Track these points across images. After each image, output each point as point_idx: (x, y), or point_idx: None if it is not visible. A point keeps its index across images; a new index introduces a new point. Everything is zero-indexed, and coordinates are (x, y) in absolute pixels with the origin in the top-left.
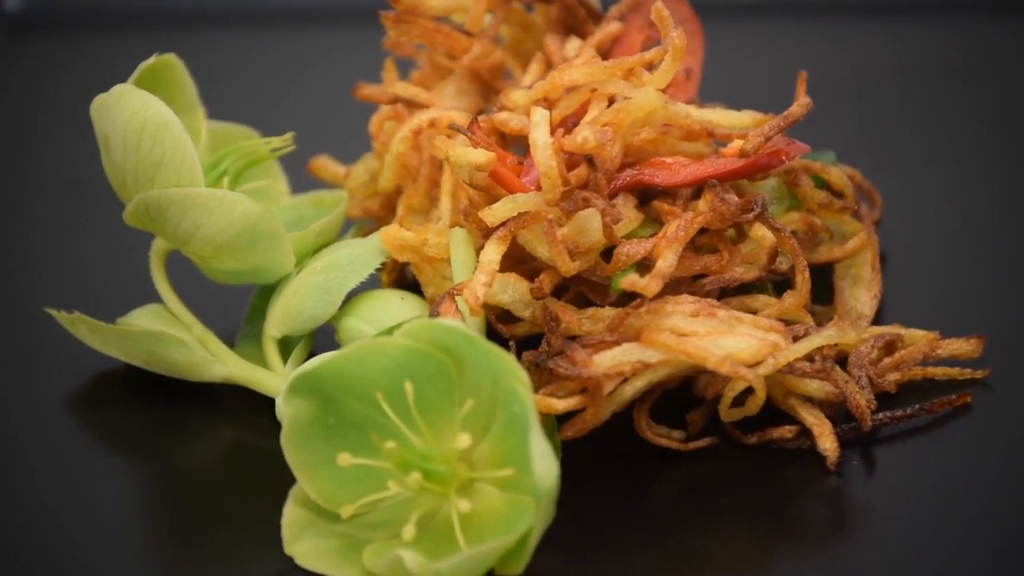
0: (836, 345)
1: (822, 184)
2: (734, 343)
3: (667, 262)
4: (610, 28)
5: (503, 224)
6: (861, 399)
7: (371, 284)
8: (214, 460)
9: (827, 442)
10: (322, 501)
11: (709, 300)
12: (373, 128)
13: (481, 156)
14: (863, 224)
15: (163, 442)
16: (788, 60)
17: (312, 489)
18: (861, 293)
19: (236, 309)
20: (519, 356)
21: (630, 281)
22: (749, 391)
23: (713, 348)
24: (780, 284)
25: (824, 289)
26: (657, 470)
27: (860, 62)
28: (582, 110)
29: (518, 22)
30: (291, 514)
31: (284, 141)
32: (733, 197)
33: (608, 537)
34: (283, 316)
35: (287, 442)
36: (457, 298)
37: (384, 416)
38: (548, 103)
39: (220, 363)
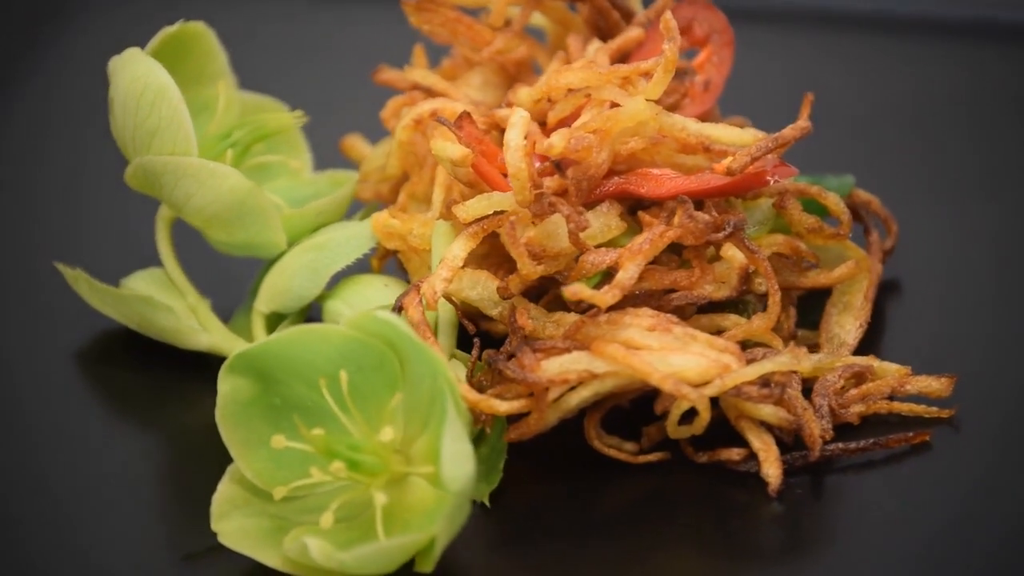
0: (794, 372)
1: (818, 209)
2: (683, 361)
3: (628, 274)
4: (631, 34)
5: (477, 221)
6: (815, 428)
7: (365, 268)
8: (203, 425)
9: (771, 468)
10: (258, 481)
11: (668, 316)
12: (386, 113)
13: (457, 151)
14: (870, 252)
15: (156, 404)
16: (835, 76)
17: (248, 468)
18: (847, 321)
19: (247, 282)
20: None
21: (572, 291)
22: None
23: (660, 364)
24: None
25: (819, 313)
26: (610, 481)
27: (916, 86)
28: (577, 114)
29: (558, 19)
30: (224, 491)
31: (295, 117)
32: (703, 215)
33: (550, 546)
34: (271, 292)
35: (221, 419)
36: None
37: (326, 402)
38: (552, 104)
39: (205, 333)
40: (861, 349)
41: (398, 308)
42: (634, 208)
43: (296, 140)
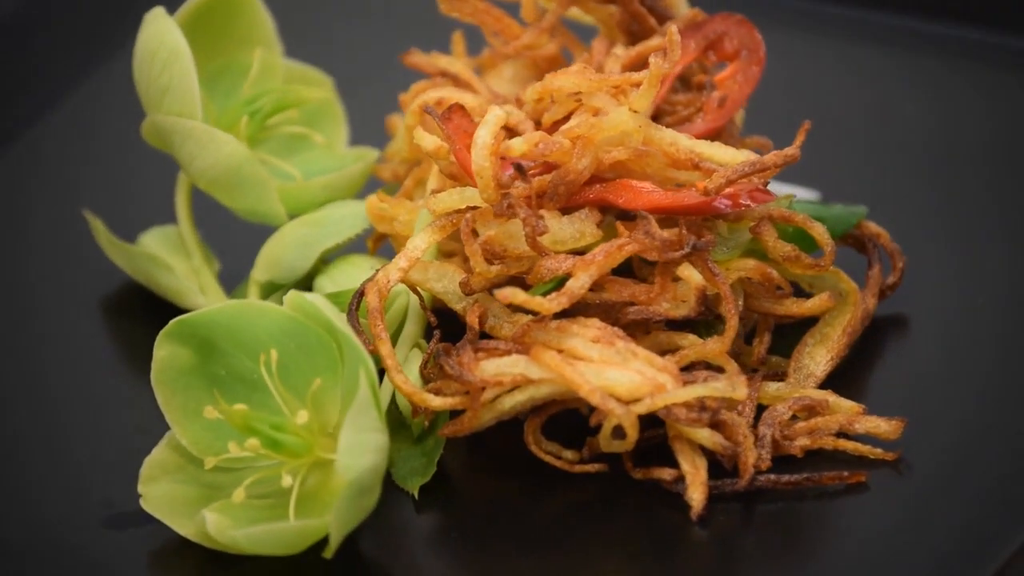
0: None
1: (800, 237)
2: (618, 376)
3: (578, 283)
4: (651, 42)
5: (447, 214)
6: (751, 456)
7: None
8: None
9: (695, 492)
10: (193, 449)
11: (614, 329)
12: (407, 95)
13: (432, 143)
14: (866, 286)
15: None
16: (874, 97)
17: (184, 435)
18: (820, 353)
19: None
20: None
21: (505, 294)
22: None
23: (593, 376)
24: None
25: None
26: (553, 488)
27: (972, 117)
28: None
29: (601, 18)
30: (158, 455)
31: (322, 91)
32: (661, 232)
33: (478, 547)
34: (267, 262)
35: (156, 384)
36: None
37: (263, 378)
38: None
39: (201, 295)
40: (838, 383)
41: (360, 293)
42: (622, 218)
43: (334, 114)
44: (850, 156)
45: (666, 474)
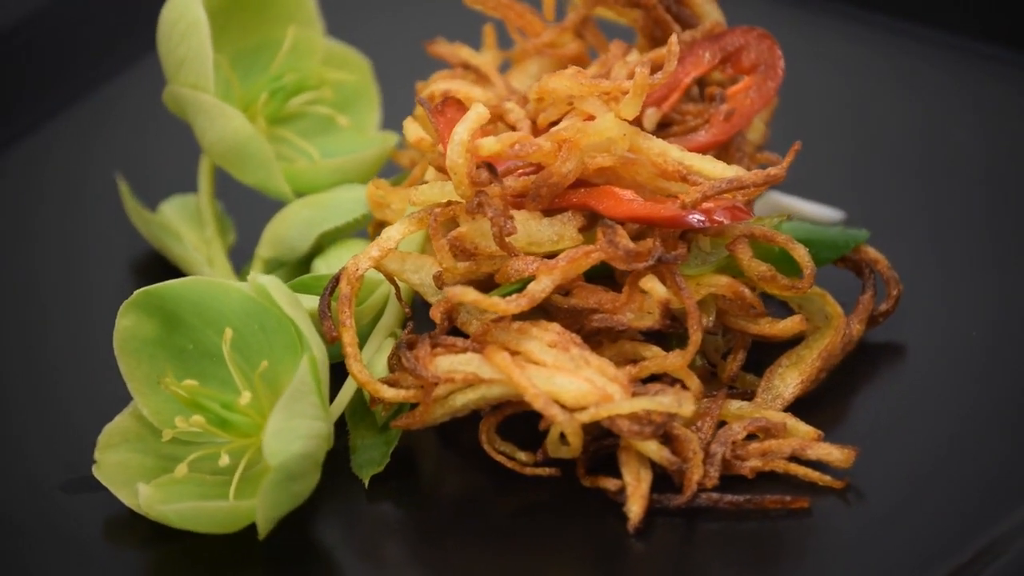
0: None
1: (779, 258)
2: (566, 382)
3: (539, 286)
4: (663, 50)
5: (428, 207)
6: (696, 473)
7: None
8: None
9: (634, 504)
10: (154, 420)
11: (572, 335)
12: (423, 85)
13: (412, 133)
14: (854, 312)
15: None
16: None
17: (145, 404)
18: (791, 376)
19: None
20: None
21: (455, 293)
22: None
23: (541, 381)
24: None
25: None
26: (508, 488)
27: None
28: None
29: (631, 20)
30: (120, 422)
31: (352, 74)
32: (624, 242)
33: (428, 540)
34: (271, 239)
35: (119, 353)
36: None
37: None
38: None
39: (206, 267)
40: (814, 407)
41: (336, 279)
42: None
43: (369, 97)
44: (890, 179)
45: (611, 484)
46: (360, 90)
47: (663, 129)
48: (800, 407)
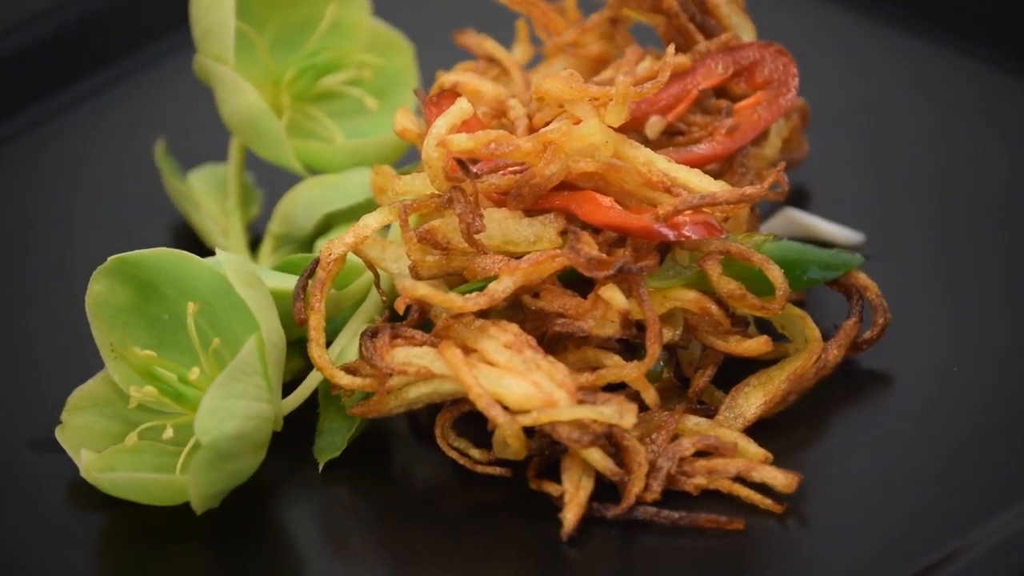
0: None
1: (752, 276)
2: (513, 384)
3: (500, 286)
4: (675, 59)
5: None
6: (636, 486)
7: None
8: None
9: (569, 511)
10: (123, 385)
11: (528, 337)
12: (442, 74)
13: (398, 123)
14: (834, 338)
15: None
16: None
17: (116, 370)
18: (756, 396)
19: None
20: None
21: (406, 286)
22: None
23: (489, 381)
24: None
25: None
26: (470, 484)
27: None
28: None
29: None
30: (91, 386)
31: (386, 59)
32: (586, 249)
33: (371, 529)
34: (281, 215)
35: (92, 317)
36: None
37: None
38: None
39: (220, 237)
40: (779, 428)
41: (315, 263)
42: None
43: (408, 81)
44: (917, 204)
45: (554, 489)
46: (400, 74)
47: (669, 138)
48: (766, 428)
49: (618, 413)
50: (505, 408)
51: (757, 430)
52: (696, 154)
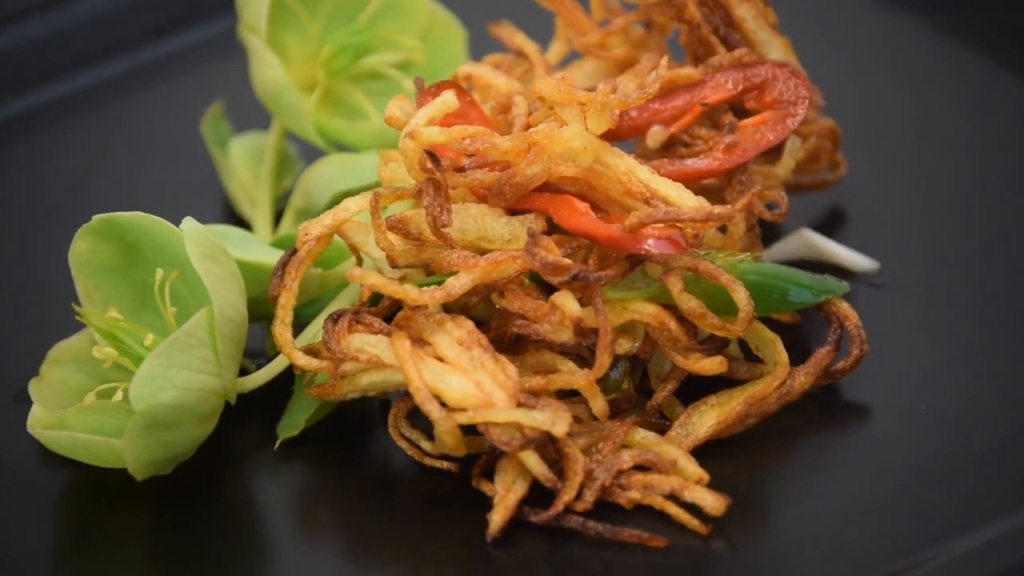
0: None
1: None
2: (455, 381)
3: (458, 282)
4: (682, 70)
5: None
6: (568, 494)
7: None
8: None
9: (496, 513)
10: (98, 339)
11: (480, 335)
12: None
13: (388, 110)
14: (804, 364)
15: None
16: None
17: (95, 323)
18: (710, 416)
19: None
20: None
21: (354, 273)
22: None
23: (431, 375)
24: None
25: None
26: (420, 475)
27: None
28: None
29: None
30: (74, 341)
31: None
32: (543, 254)
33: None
34: (302, 189)
35: (75, 273)
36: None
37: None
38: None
39: (247, 206)
40: (733, 450)
41: (302, 244)
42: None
43: (458, 65)
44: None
45: (490, 489)
46: (451, 60)
47: (672, 149)
48: (726, 447)
49: (551, 420)
50: (444, 405)
51: (716, 449)
52: (691, 168)
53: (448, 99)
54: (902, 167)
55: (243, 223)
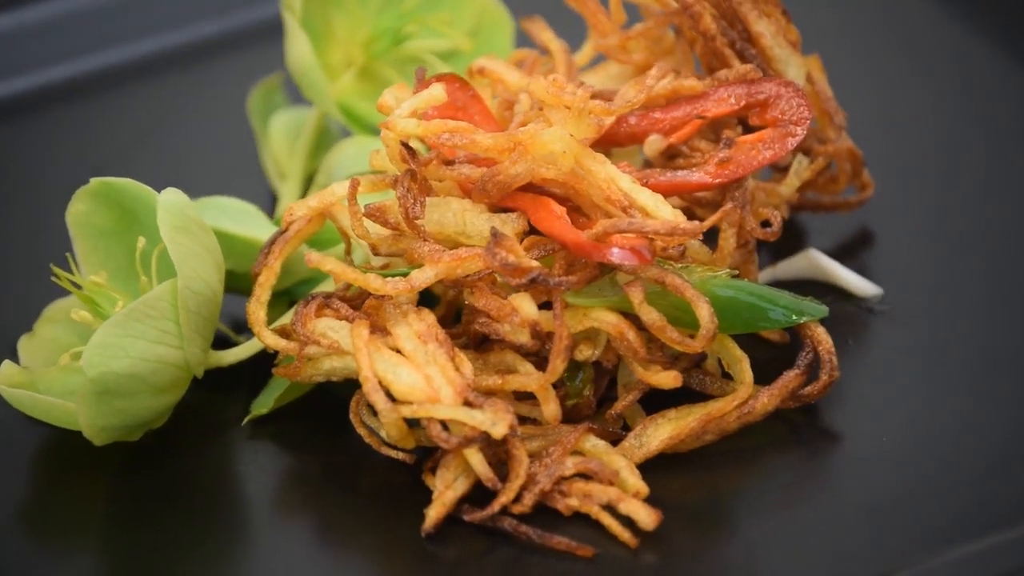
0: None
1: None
2: (404, 374)
3: (422, 275)
4: (686, 82)
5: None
6: (505, 495)
7: None
8: None
9: (432, 508)
10: (77, 301)
11: (438, 330)
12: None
13: (381, 97)
14: (771, 386)
15: None
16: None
17: (71, 286)
18: (665, 430)
19: None
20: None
21: (312, 258)
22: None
23: (383, 366)
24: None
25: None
26: (379, 464)
27: None
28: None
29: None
30: (68, 302)
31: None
32: (503, 255)
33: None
34: (325, 167)
35: (73, 234)
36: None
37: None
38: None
39: (278, 180)
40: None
41: (287, 224)
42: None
43: (504, 56)
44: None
45: (432, 484)
46: (497, 50)
47: (671, 159)
48: (682, 461)
49: (491, 421)
50: (392, 397)
51: (672, 464)
52: (682, 180)
53: (435, 92)
54: (925, 193)
55: (275, 197)
